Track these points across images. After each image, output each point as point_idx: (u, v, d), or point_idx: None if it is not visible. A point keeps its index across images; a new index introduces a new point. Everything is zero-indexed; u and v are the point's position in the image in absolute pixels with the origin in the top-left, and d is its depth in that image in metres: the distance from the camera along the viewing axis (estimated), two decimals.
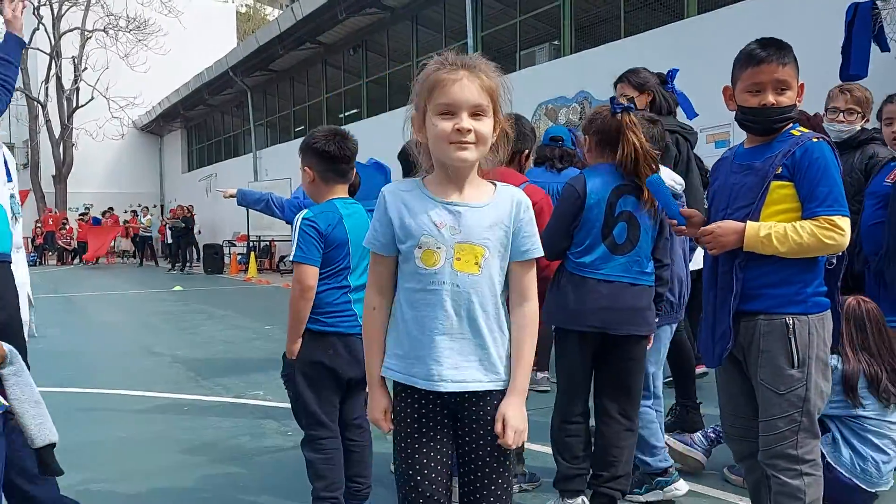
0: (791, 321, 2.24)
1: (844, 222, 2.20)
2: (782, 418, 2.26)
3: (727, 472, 3.36)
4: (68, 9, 27.19)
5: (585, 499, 2.89)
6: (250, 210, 3.44)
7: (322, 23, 16.48)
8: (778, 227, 2.23)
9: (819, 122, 4.10)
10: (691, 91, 8.27)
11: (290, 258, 2.78)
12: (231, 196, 4.61)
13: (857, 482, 2.97)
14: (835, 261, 2.28)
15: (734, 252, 2.31)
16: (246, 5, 41.15)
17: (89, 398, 5.29)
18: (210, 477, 3.51)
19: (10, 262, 2.51)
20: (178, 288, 14.78)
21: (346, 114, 18.46)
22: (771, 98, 2.31)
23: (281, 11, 24.41)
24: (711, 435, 3.42)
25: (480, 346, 1.75)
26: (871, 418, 2.98)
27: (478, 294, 1.73)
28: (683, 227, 2.47)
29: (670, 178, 3.12)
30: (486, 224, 1.74)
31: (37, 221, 26.62)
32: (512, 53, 12.76)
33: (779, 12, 7.73)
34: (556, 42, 11.86)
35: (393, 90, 16.30)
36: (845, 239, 2.20)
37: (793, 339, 2.23)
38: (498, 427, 1.73)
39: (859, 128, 3.91)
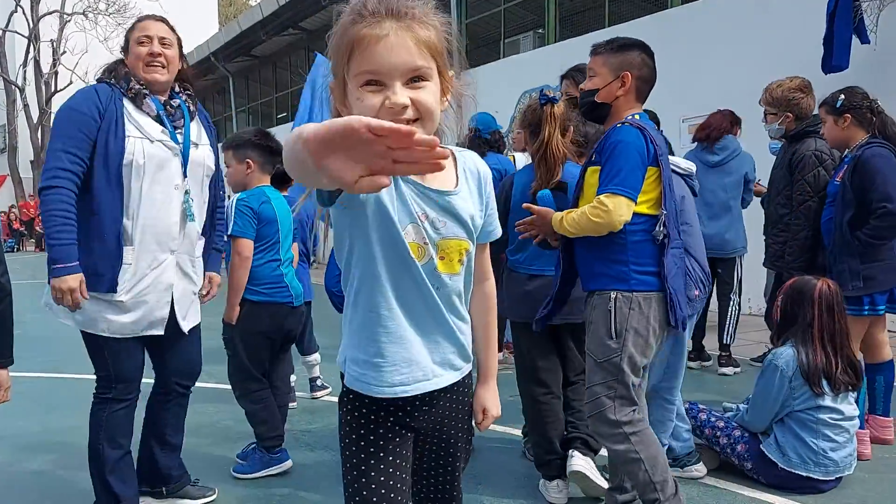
0: (615, 296, 2.39)
1: (612, 200, 2.30)
2: (601, 385, 2.43)
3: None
4: None
5: (561, 482, 2.99)
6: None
7: (305, 8, 16.35)
8: (571, 212, 2.43)
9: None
10: (674, 81, 8.32)
11: (228, 232, 3.19)
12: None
13: (815, 475, 3.02)
14: (660, 237, 2.37)
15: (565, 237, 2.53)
16: None
17: (72, 384, 5.27)
18: (196, 459, 3.51)
19: None
20: None
21: None
22: (584, 84, 2.58)
23: None
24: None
25: (454, 342, 1.48)
26: (826, 407, 3.04)
27: (455, 292, 1.46)
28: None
29: (676, 164, 3.16)
30: (468, 214, 1.43)
31: (11, 207, 26.25)
32: (496, 41, 12.75)
33: (762, 3, 7.78)
34: (540, 30, 11.86)
35: None
36: (613, 216, 2.30)
37: (612, 311, 2.39)
38: (479, 417, 1.62)
39: (777, 126, 4.01)
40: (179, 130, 2.71)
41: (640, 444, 2.38)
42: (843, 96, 3.54)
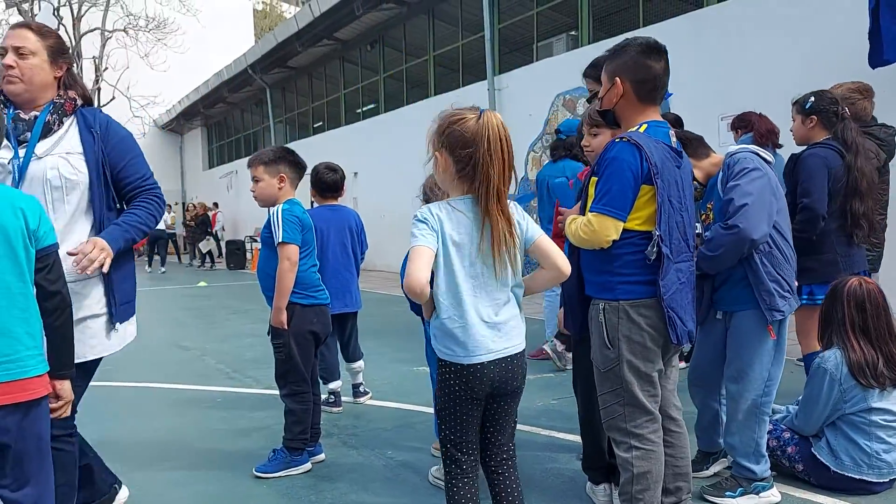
0: (603, 305, 2.41)
1: (597, 220, 2.34)
2: (609, 393, 2.46)
3: None
4: (88, 9, 27.46)
5: (607, 486, 3.00)
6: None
7: (339, 19, 16.54)
8: (576, 219, 2.46)
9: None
10: (711, 80, 8.22)
11: (279, 240, 3.32)
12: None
13: (868, 478, 2.99)
14: (653, 257, 2.36)
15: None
16: (262, 2, 41.32)
17: (124, 392, 5.43)
18: (249, 462, 3.62)
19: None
20: (202, 284, 14.98)
21: (364, 109, 18.53)
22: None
23: (297, 8, 24.52)
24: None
25: None
26: (878, 409, 2.99)
27: None
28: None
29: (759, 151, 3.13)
30: None
31: None
32: (529, 45, 12.75)
33: (800, 0, 7.67)
34: (573, 32, 11.83)
35: (410, 84, 16.34)
36: (599, 236, 2.35)
37: (603, 322, 2.41)
38: None
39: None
40: (24, 145, 2.51)
41: (638, 460, 2.40)
42: (812, 99, 3.63)
